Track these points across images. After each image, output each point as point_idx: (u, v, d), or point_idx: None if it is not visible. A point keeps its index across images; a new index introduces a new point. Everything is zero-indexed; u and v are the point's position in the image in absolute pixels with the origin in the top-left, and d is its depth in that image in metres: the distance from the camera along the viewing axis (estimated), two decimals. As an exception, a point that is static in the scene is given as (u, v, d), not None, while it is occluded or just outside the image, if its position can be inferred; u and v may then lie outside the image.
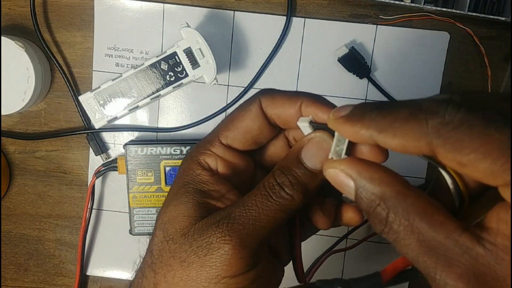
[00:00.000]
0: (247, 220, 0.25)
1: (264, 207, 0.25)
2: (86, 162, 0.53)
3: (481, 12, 0.45)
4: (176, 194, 0.27)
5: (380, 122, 0.21)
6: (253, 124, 0.27)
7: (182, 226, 0.26)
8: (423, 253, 0.20)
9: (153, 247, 0.27)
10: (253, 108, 0.27)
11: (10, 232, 0.55)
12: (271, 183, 0.25)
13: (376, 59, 0.50)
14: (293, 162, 0.26)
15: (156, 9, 0.50)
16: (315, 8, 0.50)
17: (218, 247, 0.24)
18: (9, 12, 0.51)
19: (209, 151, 0.28)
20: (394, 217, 0.20)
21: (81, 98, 0.48)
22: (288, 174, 0.25)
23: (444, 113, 0.19)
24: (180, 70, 0.47)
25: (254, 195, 0.25)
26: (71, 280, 0.55)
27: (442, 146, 0.19)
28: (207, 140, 0.28)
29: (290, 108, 0.27)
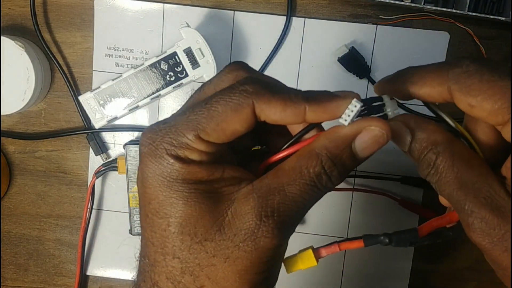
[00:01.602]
0: (293, 213, 0.25)
1: (308, 196, 0.25)
2: (86, 162, 0.53)
3: (481, 12, 0.45)
4: (176, 194, 0.25)
5: (413, 76, 0.25)
6: (239, 127, 0.25)
7: (211, 223, 0.25)
8: (458, 188, 0.24)
9: (178, 253, 0.25)
10: (244, 111, 0.25)
11: (10, 232, 0.55)
12: (318, 171, 0.24)
13: (376, 59, 0.50)
14: (344, 150, 0.25)
15: (156, 9, 0.50)
16: (315, 8, 0.50)
17: (267, 241, 0.24)
18: (9, 12, 0.51)
19: (188, 145, 0.25)
20: (441, 159, 0.24)
21: (81, 98, 0.48)
22: (338, 164, 0.25)
23: (462, 65, 0.24)
24: (180, 70, 0.47)
25: (298, 183, 0.24)
26: (71, 280, 0.55)
27: (458, 90, 0.23)
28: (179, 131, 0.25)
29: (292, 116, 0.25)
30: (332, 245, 0.28)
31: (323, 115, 0.25)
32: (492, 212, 0.23)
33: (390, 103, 0.26)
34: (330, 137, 0.25)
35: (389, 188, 0.52)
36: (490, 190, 0.23)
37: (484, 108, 0.23)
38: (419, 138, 0.25)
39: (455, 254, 0.53)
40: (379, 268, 0.53)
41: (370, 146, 0.25)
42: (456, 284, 0.54)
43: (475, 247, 0.24)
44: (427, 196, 0.52)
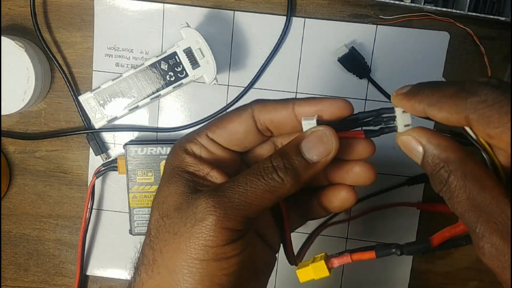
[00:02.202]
0: (233, 194, 0.27)
1: (253, 185, 0.27)
2: (86, 162, 0.53)
3: (481, 12, 0.45)
4: (167, 177, 0.29)
5: (430, 98, 0.25)
6: (239, 127, 0.29)
7: (175, 202, 0.28)
8: (470, 209, 0.23)
9: (150, 227, 0.29)
10: (244, 113, 0.29)
11: (10, 232, 0.55)
12: (266, 164, 0.27)
13: (376, 59, 0.50)
14: (292, 149, 0.27)
15: (156, 9, 0.50)
16: (315, 8, 0.50)
17: (203, 217, 0.26)
18: (9, 12, 0.51)
19: (195, 140, 0.30)
20: (453, 178, 0.24)
21: (81, 98, 0.48)
22: (285, 158, 0.27)
23: (481, 93, 0.23)
24: (180, 70, 0.47)
25: (246, 173, 0.27)
26: (71, 280, 0.55)
27: (476, 120, 0.23)
28: (195, 132, 0.31)
29: (283, 111, 0.29)
30: (344, 256, 0.29)
31: (309, 108, 0.28)
32: (502, 238, 0.23)
33: (402, 116, 0.27)
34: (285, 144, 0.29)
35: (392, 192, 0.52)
36: (502, 215, 0.23)
37: (503, 140, 0.23)
38: (431, 154, 0.25)
39: (456, 254, 0.53)
40: (379, 269, 0.53)
41: (315, 145, 0.27)
42: (456, 284, 0.54)
43: None
44: (428, 190, 0.52)
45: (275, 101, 0.29)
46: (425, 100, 0.25)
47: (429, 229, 0.52)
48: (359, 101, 0.50)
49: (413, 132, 0.26)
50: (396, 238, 0.52)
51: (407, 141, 0.26)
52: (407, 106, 0.26)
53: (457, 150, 0.25)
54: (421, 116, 0.26)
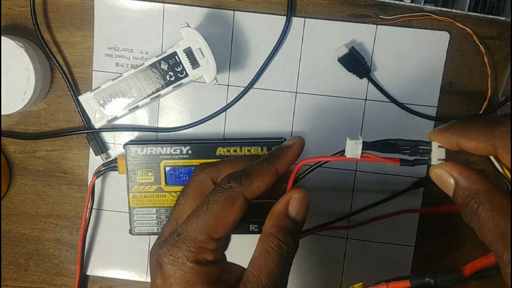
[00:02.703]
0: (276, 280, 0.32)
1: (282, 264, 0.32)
2: (86, 162, 0.53)
3: (481, 12, 0.45)
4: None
5: (461, 129, 0.28)
6: (239, 215, 0.33)
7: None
8: (497, 238, 0.26)
9: None
10: (237, 203, 0.33)
11: (10, 232, 0.55)
12: (277, 243, 0.32)
13: (376, 59, 0.50)
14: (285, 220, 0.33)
15: (156, 9, 0.50)
16: (315, 8, 0.50)
17: None
18: (9, 12, 0.51)
19: (205, 249, 0.32)
20: (482, 208, 0.26)
21: (81, 98, 0.48)
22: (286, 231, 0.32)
23: (507, 123, 0.26)
24: (180, 70, 0.47)
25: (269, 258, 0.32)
26: (71, 280, 0.55)
27: (502, 147, 0.26)
28: (193, 238, 0.32)
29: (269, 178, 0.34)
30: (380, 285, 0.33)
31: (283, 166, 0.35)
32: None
33: (437, 150, 0.29)
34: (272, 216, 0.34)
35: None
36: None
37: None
38: (462, 186, 0.28)
39: (455, 254, 0.53)
40: (379, 268, 0.53)
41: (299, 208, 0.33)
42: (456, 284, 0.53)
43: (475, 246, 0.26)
44: (427, 193, 0.52)
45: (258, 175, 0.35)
46: (457, 131, 0.28)
47: (429, 230, 0.52)
48: (359, 101, 0.50)
49: (445, 165, 0.29)
50: (396, 240, 0.52)
51: (440, 174, 0.29)
52: (441, 138, 0.29)
53: (486, 182, 0.27)
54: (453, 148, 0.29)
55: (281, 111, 0.51)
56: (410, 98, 0.50)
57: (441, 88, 0.50)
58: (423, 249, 0.53)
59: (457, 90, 0.50)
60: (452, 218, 0.52)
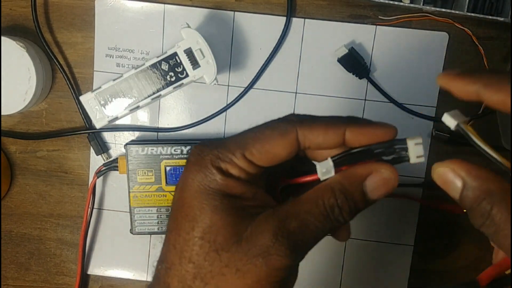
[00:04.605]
0: (305, 237, 0.26)
1: (321, 225, 0.26)
2: (87, 162, 0.54)
3: (480, 12, 0.45)
4: (207, 201, 0.27)
5: (489, 79, 0.24)
6: (283, 151, 0.27)
7: (232, 234, 0.26)
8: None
9: (195, 258, 0.27)
10: (288, 136, 0.27)
11: (11, 232, 0.55)
12: (332, 203, 0.26)
13: (376, 59, 0.50)
14: (356, 188, 0.27)
15: (156, 10, 0.50)
16: (314, 8, 0.50)
17: (278, 260, 0.25)
18: (10, 12, 0.51)
19: (232, 161, 0.27)
20: (497, 210, 0.23)
21: (82, 98, 0.48)
22: (350, 199, 0.27)
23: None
24: (180, 70, 0.47)
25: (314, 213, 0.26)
26: (72, 279, 0.56)
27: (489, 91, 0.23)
28: (228, 148, 0.28)
29: (334, 136, 0.27)
30: None
31: (362, 137, 0.27)
32: None
33: (414, 147, 0.26)
34: (345, 174, 0.27)
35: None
36: None
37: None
38: (471, 186, 0.24)
39: (455, 254, 0.53)
40: (378, 268, 0.53)
41: (379, 187, 0.27)
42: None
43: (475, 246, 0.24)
44: (426, 194, 0.52)
45: (323, 123, 0.28)
46: (483, 80, 0.24)
47: (429, 230, 0.52)
48: (358, 101, 0.51)
49: (451, 163, 0.25)
50: (395, 239, 0.52)
51: (444, 173, 0.25)
52: (458, 86, 0.25)
53: (499, 181, 0.24)
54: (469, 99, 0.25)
55: (281, 111, 0.51)
56: (409, 99, 0.50)
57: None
58: (423, 248, 0.53)
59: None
60: (452, 218, 0.52)
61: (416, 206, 0.52)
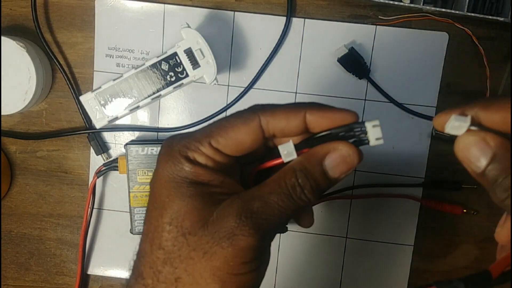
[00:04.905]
0: (269, 217, 0.27)
1: (284, 205, 0.27)
2: (87, 161, 0.54)
3: (480, 12, 0.45)
4: (175, 188, 0.28)
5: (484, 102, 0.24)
6: (247, 137, 0.28)
7: (198, 219, 0.27)
8: None
9: (164, 244, 0.27)
10: (251, 123, 0.28)
11: (11, 232, 0.55)
12: (293, 182, 0.27)
13: (376, 59, 0.50)
14: (315, 167, 0.27)
15: (156, 10, 0.50)
16: (314, 8, 0.50)
17: (243, 239, 0.26)
18: (10, 12, 0.51)
19: (199, 150, 0.28)
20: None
21: (82, 98, 0.48)
22: (310, 178, 0.27)
23: None
24: (180, 70, 0.47)
25: (276, 192, 0.27)
26: (72, 279, 0.56)
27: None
28: (195, 137, 0.29)
29: (295, 120, 0.28)
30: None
31: (322, 120, 0.28)
32: None
33: (373, 130, 0.27)
34: (305, 155, 0.28)
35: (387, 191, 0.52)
36: None
37: None
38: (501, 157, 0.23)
39: (455, 253, 0.53)
40: (378, 268, 0.53)
41: (338, 164, 0.27)
42: (455, 283, 0.54)
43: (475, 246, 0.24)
44: (426, 194, 0.52)
45: (284, 108, 0.28)
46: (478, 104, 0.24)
47: (429, 230, 0.52)
48: (358, 101, 0.51)
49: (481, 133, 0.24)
50: (395, 239, 0.52)
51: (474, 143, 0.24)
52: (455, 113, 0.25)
53: None
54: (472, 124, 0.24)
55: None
56: (409, 99, 0.50)
57: (440, 89, 0.50)
58: (423, 248, 0.53)
59: (456, 91, 0.50)
60: (452, 218, 0.52)
61: (416, 206, 0.52)
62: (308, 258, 0.54)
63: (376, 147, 0.37)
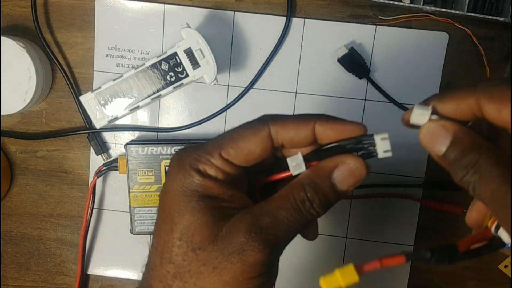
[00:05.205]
0: (279, 231, 0.27)
1: (293, 219, 0.27)
2: (87, 162, 0.54)
3: (480, 12, 0.45)
4: (185, 203, 0.28)
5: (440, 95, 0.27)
6: (257, 148, 0.28)
7: (208, 234, 0.27)
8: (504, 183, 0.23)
9: (174, 258, 0.28)
10: (261, 133, 0.28)
11: (11, 232, 0.55)
12: (302, 197, 0.27)
13: (376, 59, 0.50)
14: (324, 181, 0.28)
15: (156, 10, 0.50)
16: (314, 8, 0.50)
17: (252, 255, 0.26)
18: (10, 12, 0.51)
19: (209, 162, 0.28)
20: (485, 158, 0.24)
21: (82, 98, 0.48)
22: (319, 192, 0.28)
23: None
24: (180, 70, 0.47)
25: (285, 207, 0.27)
26: (72, 279, 0.56)
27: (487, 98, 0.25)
28: (205, 150, 0.29)
29: (305, 131, 0.28)
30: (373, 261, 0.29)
31: (331, 132, 0.28)
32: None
33: (381, 142, 0.27)
34: (314, 168, 0.28)
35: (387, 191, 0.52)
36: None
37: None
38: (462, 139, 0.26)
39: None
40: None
41: (347, 178, 0.28)
42: (455, 283, 0.54)
43: None
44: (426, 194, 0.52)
45: (294, 119, 0.29)
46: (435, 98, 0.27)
47: (429, 230, 0.52)
48: (358, 101, 0.51)
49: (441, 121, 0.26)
50: (395, 239, 0.52)
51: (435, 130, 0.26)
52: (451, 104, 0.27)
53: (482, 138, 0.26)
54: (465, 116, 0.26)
55: (281, 111, 0.51)
56: (409, 99, 0.50)
57: (440, 89, 0.50)
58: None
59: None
60: (452, 217, 0.52)
61: (416, 206, 0.52)
62: (308, 258, 0.54)
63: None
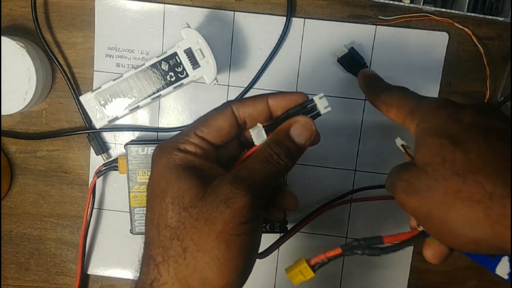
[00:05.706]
0: (256, 179, 0.32)
1: (266, 169, 0.32)
2: (87, 161, 0.54)
3: (480, 12, 0.46)
4: (172, 174, 0.32)
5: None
6: (225, 123, 0.34)
7: (196, 193, 0.31)
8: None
9: (169, 222, 0.31)
10: (226, 111, 0.35)
11: (11, 232, 0.55)
12: (269, 152, 0.33)
13: (376, 59, 0.50)
14: (284, 137, 0.34)
15: (156, 10, 0.50)
16: (314, 8, 0.50)
17: (237, 201, 0.30)
18: (10, 12, 0.51)
19: (187, 141, 0.33)
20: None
21: (82, 98, 0.48)
22: (282, 146, 0.33)
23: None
24: (180, 70, 0.47)
25: (258, 161, 0.33)
26: (72, 279, 0.56)
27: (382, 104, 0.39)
28: (182, 133, 0.34)
29: (260, 104, 0.35)
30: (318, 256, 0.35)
31: (281, 101, 0.35)
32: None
33: (320, 101, 0.34)
34: (274, 132, 0.34)
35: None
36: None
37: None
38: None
39: (454, 253, 0.53)
40: (378, 268, 0.53)
41: (301, 132, 0.34)
42: (455, 283, 0.54)
43: None
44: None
45: (251, 98, 0.35)
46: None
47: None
48: (358, 101, 0.51)
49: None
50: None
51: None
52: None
53: None
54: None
55: (281, 111, 0.51)
56: (409, 98, 0.50)
57: (440, 89, 0.50)
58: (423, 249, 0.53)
59: (456, 91, 0.50)
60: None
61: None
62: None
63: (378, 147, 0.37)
